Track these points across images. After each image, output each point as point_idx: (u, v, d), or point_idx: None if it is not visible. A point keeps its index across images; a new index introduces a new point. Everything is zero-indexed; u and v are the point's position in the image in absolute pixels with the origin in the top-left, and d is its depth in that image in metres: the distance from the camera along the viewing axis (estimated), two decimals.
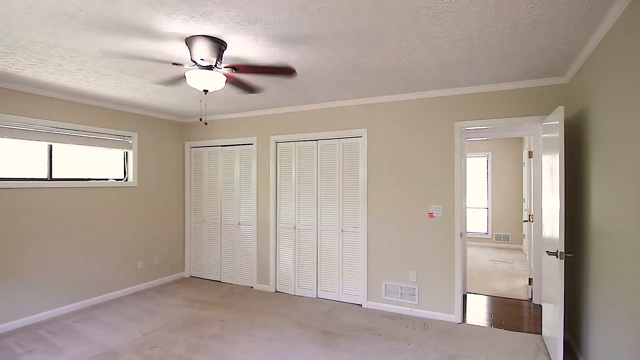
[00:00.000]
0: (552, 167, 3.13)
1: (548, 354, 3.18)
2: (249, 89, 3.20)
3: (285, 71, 2.85)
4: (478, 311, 4.24)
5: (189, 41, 2.48)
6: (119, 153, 4.92)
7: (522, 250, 8.04)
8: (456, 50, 2.74)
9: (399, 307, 4.14)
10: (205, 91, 2.65)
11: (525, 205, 7.58)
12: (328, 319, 3.97)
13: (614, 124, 2.27)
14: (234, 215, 5.30)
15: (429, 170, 4.02)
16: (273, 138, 4.93)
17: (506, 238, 8.41)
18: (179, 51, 2.72)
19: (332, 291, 4.56)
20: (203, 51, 2.48)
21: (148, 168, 5.18)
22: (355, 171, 4.43)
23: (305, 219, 4.74)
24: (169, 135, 5.51)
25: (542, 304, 3.51)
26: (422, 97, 4.04)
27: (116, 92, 4.02)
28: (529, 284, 4.83)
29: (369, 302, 4.30)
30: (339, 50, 2.73)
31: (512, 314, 4.14)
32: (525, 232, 7.58)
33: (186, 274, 5.69)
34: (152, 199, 5.23)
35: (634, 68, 2.00)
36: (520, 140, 8.29)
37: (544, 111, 3.55)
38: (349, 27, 2.34)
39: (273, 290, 4.93)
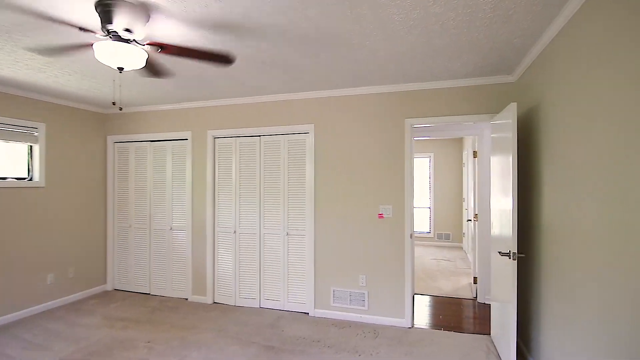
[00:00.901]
0: (502, 166, 3.08)
1: (498, 355, 3.12)
2: (157, 72, 2.72)
3: (222, 58, 2.45)
4: (427, 313, 4.15)
5: (101, 4, 1.99)
6: (21, 147, 4.12)
7: (462, 248, 8.30)
8: (411, 39, 2.54)
9: (348, 313, 3.90)
10: (120, 69, 2.16)
11: (465, 205, 7.85)
12: (272, 331, 3.61)
13: (567, 121, 2.21)
14: (165, 219, 4.71)
15: (379, 169, 3.83)
16: (211, 133, 4.45)
17: (447, 237, 8.65)
18: (81, 14, 2.20)
19: (276, 300, 4.20)
20: (122, 18, 2.01)
21: (60, 165, 4.41)
22: (301, 170, 4.11)
23: (247, 222, 4.32)
24: (87, 128, 4.76)
25: (491, 304, 3.47)
26: (373, 92, 3.84)
27: (12, 73, 3.30)
28: (474, 282, 4.87)
29: (316, 309, 4.01)
30: (282, 31, 2.39)
31: (460, 315, 4.09)
32: (465, 230, 7.83)
33: (108, 287, 4.97)
34: (65, 202, 4.46)
35: (589, 63, 1.93)
36: (460, 141, 8.57)
37: (493, 110, 3.51)
38: (295, 2, 2.01)
39: (211, 302, 4.45)
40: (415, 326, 3.74)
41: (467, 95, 3.59)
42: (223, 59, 2.42)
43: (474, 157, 5.04)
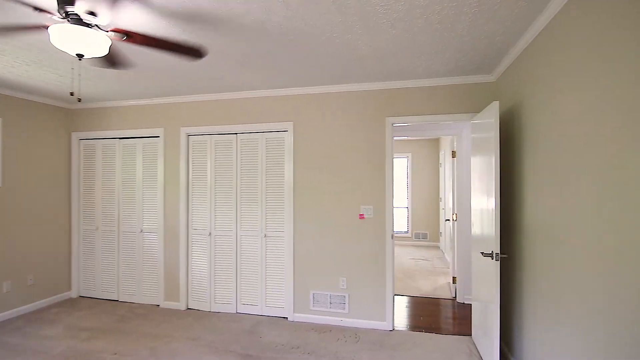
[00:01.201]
0: (483, 166, 3.05)
1: (480, 356, 3.09)
2: (117, 62, 2.52)
3: (192, 51, 2.28)
4: (407, 314, 4.09)
5: None
6: None
7: (439, 247, 8.36)
8: (394, 33, 2.45)
9: (328, 317, 3.79)
10: (80, 56, 1.96)
11: (442, 204, 7.90)
12: (250, 338, 3.45)
13: (549, 121, 2.18)
14: (135, 220, 4.45)
15: (360, 169, 3.75)
16: (184, 130, 4.24)
17: (424, 236, 8.70)
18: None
19: (254, 304, 4.04)
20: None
21: (18, 163, 4.08)
22: (280, 169, 3.97)
23: (223, 224, 4.14)
24: (49, 124, 4.44)
25: (472, 305, 3.44)
26: (354, 89, 3.75)
27: None
28: (453, 282, 4.87)
29: (295, 314, 3.88)
30: (257, 23, 2.25)
31: (440, 315, 4.06)
32: (442, 230, 7.88)
33: (73, 294, 4.66)
34: (24, 203, 4.14)
35: (571, 62, 1.90)
36: (437, 142, 8.63)
37: (473, 109, 3.49)
38: None
39: (184, 308, 4.23)
40: (396, 328, 3.67)
41: (447, 94, 3.56)
42: (193, 52, 2.25)
43: (453, 157, 5.04)
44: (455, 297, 4.66)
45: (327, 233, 3.81)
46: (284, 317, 3.93)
